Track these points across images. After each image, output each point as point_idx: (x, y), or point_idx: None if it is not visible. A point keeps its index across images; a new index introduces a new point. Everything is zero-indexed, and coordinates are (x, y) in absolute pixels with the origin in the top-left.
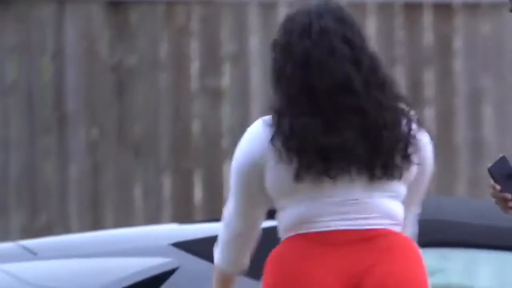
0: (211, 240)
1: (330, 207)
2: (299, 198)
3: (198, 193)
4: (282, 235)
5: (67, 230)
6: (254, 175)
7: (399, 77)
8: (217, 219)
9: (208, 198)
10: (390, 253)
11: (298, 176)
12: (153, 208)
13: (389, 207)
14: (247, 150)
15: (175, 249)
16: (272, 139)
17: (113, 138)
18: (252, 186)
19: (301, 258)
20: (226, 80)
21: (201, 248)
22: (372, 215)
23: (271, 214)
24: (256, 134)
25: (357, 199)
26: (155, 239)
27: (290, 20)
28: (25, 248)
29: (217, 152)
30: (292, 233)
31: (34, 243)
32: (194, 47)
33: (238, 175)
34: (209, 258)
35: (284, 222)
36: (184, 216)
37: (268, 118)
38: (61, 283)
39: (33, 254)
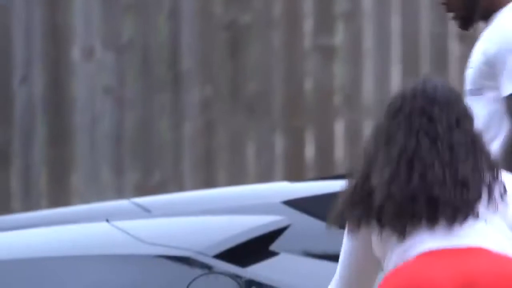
0: (323, 198)
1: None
2: (404, 249)
3: (309, 151)
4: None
5: (180, 188)
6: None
7: None
8: (328, 177)
9: (320, 156)
10: (503, 260)
11: (404, 232)
12: (265, 166)
13: (498, 248)
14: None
15: (286, 207)
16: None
17: (227, 97)
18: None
19: (415, 267)
20: (339, 38)
21: (313, 206)
22: (482, 241)
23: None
24: None
25: (467, 245)
26: (267, 197)
27: (389, 103)
28: (139, 205)
29: (329, 110)
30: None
31: (148, 201)
32: (308, 5)
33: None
34: (320, 216)
35: (391, 265)
36: (295, 174)
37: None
38: (174, 241)
39: (147, 212)
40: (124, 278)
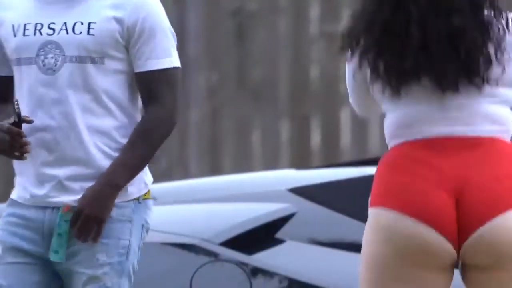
0: (329, 186)
1: (434, 113)
2: (402, 102)
3: (315, 138)
4: (389, 141)
5: (186, 174)
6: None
7: None
8: (334, 164)
9: (325, 143)
10: (495, 159)
11: (399, 76)
12: (271, 153)
13: (495, 112)
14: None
15: (292, 195)
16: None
17: (233, 83)
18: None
19: (407, 165)
20: (344, 25)
21: (319, 193)
22: (478, 121)
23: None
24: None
25: (462, 104)
26: (272, 184)
27: None
28: None
29: (334, 97)
30: (398, 140)
31: (154, 188)
32: None
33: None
34: (326, 204)
35: (388, 128)
36: (301, 161)
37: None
38: (180, 228)
39: (153, 199)
40: None
